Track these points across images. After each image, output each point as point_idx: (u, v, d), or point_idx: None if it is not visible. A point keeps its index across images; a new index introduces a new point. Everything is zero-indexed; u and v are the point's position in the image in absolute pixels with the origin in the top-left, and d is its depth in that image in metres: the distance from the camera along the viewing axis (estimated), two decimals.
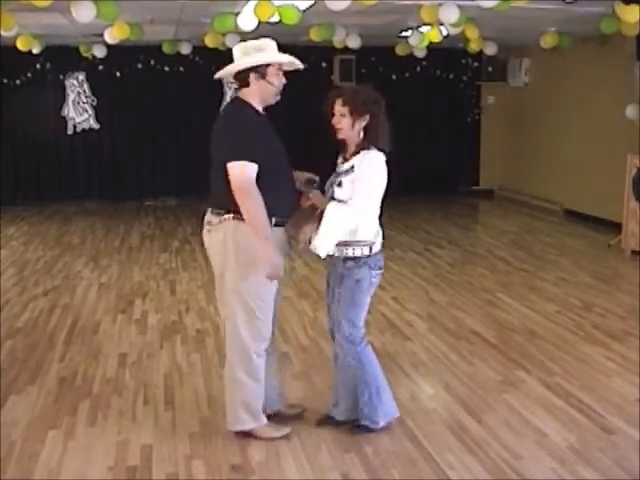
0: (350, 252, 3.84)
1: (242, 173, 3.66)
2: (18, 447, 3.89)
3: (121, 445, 3.90)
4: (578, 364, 5.07)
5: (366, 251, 3.84)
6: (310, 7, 7.01)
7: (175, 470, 3.65)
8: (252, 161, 3.67)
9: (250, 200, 3.68)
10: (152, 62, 12.20)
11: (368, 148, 3.81)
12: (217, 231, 3.84)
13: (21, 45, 8.91)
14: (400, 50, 10.31)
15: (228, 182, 3.70)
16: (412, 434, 4.02)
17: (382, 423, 4.04)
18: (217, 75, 3.97)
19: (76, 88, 12.31)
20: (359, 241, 3.83)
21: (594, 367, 5.02)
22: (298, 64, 3.94)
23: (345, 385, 4.05)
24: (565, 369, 4.96)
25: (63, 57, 11.64)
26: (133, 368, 5.02)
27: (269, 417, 4.04)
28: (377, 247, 3.89)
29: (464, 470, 3.63)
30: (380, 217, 3.92)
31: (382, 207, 3.91)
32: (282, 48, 3.86)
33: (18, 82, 12.00)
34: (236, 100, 3.91)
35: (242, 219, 3.71)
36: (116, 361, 5.15)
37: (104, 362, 5.14)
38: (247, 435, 3.95)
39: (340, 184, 3.83)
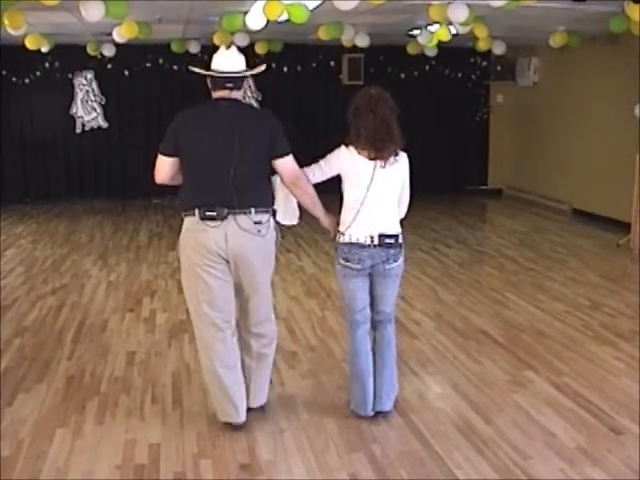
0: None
1: (294, 163, 3.89)
2: (26, 445, 3.89)
3: (129, 444, 3.91)
4: (587, 364, 5.05)
5: (338, 238, 4.05)
6: (319, 6, 7.00)
7: (183, 469, 3.65)
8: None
9: (309, 186, 3.94)
10: (160, 61, 12.22)
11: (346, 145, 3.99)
12: (266, 229, 3.88)
13: (30, 44, 8.93)
14: (409, 49, 10.29)
15: (268, 177, 3.91)
16: (420, 433, 4.01)
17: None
18: (255, 72, 3.97)
19: (85, 87, 12.34)
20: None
21: (603, 367, 5.00)
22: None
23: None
24: (573, 369, 4.95)
25: (72, 56, 11.64)
26: (141, 367, 5.02)
27: None
28: (344, 239, 4.02)
29: (472, 470, 3.62)
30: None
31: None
32: (291, 47, 3.88)
33: (27, 81, 12.03)
34: (240, 101, 3.94)
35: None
36: (124, 360, 5.16)
37: (112, 361, 5.14)
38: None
39: None
